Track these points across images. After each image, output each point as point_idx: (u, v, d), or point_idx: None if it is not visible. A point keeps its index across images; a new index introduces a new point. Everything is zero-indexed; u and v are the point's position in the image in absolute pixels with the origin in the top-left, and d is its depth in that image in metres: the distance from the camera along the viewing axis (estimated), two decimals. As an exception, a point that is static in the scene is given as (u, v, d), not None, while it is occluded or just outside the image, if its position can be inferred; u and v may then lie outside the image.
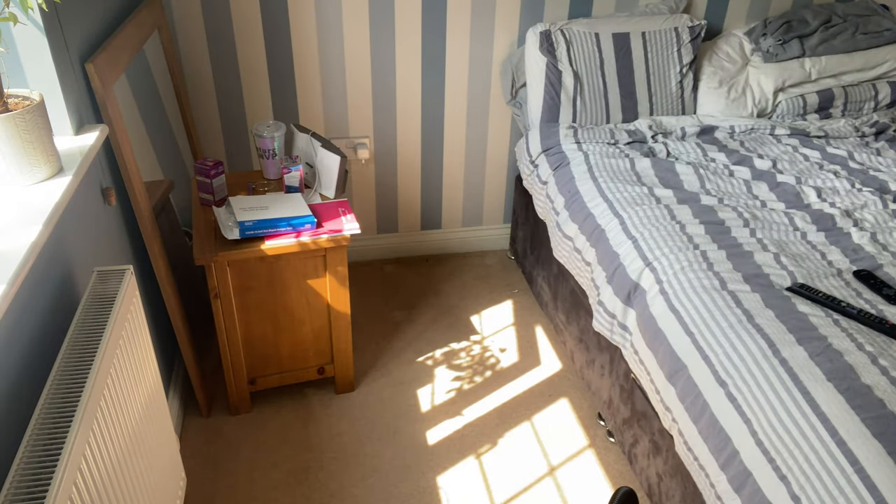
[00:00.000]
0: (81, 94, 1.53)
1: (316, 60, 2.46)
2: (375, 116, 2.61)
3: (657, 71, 2.44)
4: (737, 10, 2.68)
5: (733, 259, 1.72)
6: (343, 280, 1.99)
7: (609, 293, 1.84)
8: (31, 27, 1.33)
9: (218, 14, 2.32)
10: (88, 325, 1.22)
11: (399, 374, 2.28)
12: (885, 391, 1.31)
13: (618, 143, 2.30)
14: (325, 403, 2.16)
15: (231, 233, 1.87)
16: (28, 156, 1.25)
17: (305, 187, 2.13)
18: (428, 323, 2.53)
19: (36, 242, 1.12)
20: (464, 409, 2.15)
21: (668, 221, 1.87)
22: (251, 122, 2.54)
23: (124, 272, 1.37)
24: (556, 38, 2.38)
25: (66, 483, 0.95)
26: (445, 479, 1.92)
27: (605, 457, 1.99)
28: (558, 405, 2.17)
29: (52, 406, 1.05)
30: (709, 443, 1.43)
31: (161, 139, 2.14)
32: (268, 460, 1.96)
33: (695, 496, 1.55)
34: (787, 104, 2.53)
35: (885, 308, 1.56)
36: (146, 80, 2.07)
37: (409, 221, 2.87)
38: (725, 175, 2.14)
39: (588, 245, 1.98)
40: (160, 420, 1.51)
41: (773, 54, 2.53)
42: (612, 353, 1.93)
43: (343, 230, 1.92)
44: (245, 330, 1.99)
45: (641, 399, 1.78)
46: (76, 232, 1.42)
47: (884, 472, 1.16)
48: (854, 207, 1.97)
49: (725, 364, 1.45)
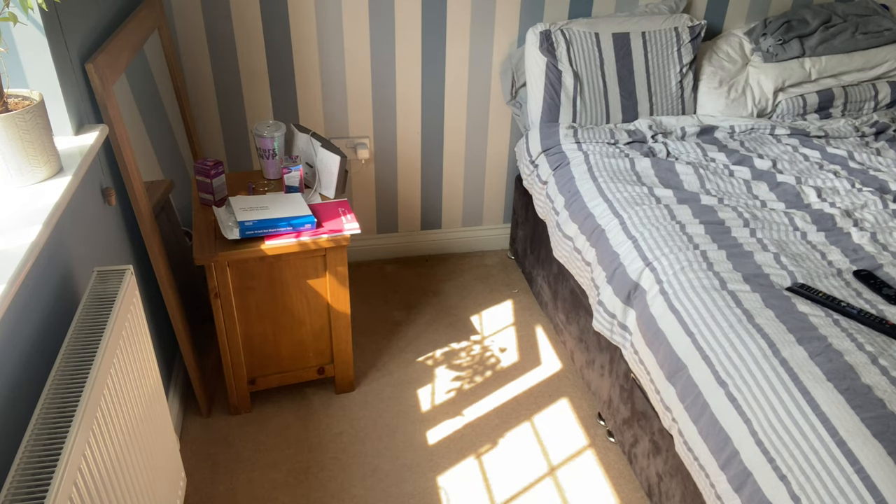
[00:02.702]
0: (81, 94, 1.53)
1: (316, 60, 2.46)
2: (375, 116, 2.61)
3: (657, 71, 2.44)
4: (737, 10, 2.68)
5: (733, 259, 1.72)
6: (343, 280, 1.99)
7: (609, 293, 1.84)
8: (31, 27, 1.33)
9: (218, 14, 2.32)
10: (88, 325, 1.22)
11: (399, 374, 2.28)
12: (885, 391, 1.31)
13: (618, 142, 2.30)
14: (325, 403, 2.16)
15: (231, 233, 1.87)
16: (28, 156, 1.25)
17: (305, 187, 2.13)
18: (428, 323, 2.53)
19: (36, 242, 1.12)
20: (464, 409, 2.15)
21: (668, 221, 1.87)
22: (251, 122, 2.54)
23: (124, 272, 1.37)
24: (556, 37, 2.38)
25: (66, 483, 0.95)
26: (445, 479, 1.92)
27: (605, 457, 1.99)
28: (558, 405, 2.17)
29: (52, 406, 1.05)
30: (709, 443, 1.43)
31: (161, 139, 2.14)
32: (268, 460, 1.96)
33: (695, 496, 1.55)
34: (787, 104, 2.53)
35: (885, 308, 1.56)
36: (146, 80, 2.07)
37: (409, 221, 2.87)
38: (725, 175, 2.14)
39: (588, 245, 1.98)
40: (160, 420, 1.51)
41: (773, 54, 2.53)
42: (612, 353, 1.93)
43: (343, 230, 1.92)
44: (245, 330, 1.99)
45: (641, 399, 1.78)
46: (76, 232, 1.42)
47: (884, 472, 1.16)
48: (854, 207, 1.97)
49: (725, 364, 1.45)
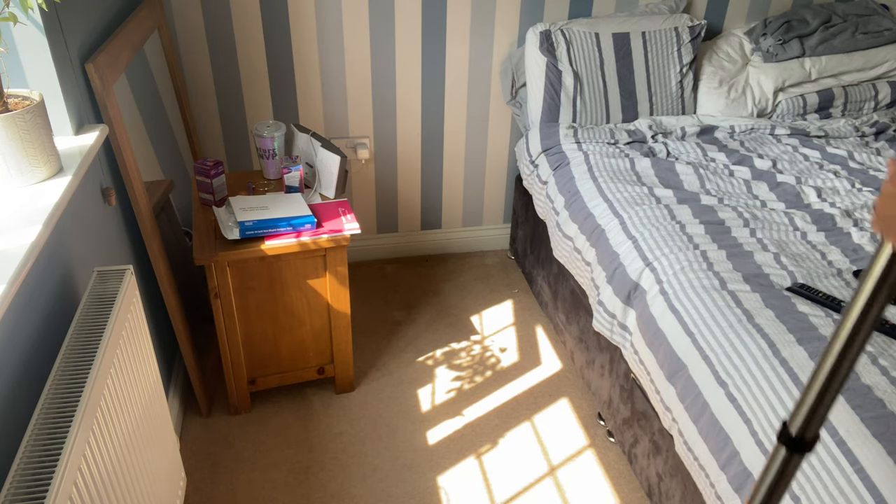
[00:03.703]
0: (81, 94, 1.53)
1: (316, 60, 2.46)
2: (375, 116, 2.61)
3: (657, 71, 2.44)
4: (737, 10, 2.68)
5: (733, 259, 1.72)
6: (343, 280, 1.99)
7: (609, 293, 1.84)
8: (31, 27, 1.33)
9: (218, 14, 2.32)
10: (88, 325, 1.22)
11: (399, 374, 2.28)
12: (885, 391, 1.31)
13: (618, 142, 2.30)
14: (325, 403, 2.16)
15: (231, 233, 1.87)
16: (28, 156, 1.25)
17: (305, 187, 2.13)
18: (428, 323, 2.53)
19: (36, 242, 1.12)
20: (464, 409, 2.15)
21: (668, 221, 1.87)
22: (251, 122, 2.54)
23: (124, 272, 1.37)
24: (556, 37, 2.38)
25: (66, 483, 0.95)
26: (445, 479, 1.92)
27: (605, 457, 1.99)
28: (558, 405, 2.17)
29: (52, 406, 1.05)
30: (709, 443, 1.43)
31: (161, 139, 2.14)
32: (268, 460, 1.96)
33: (695, 496, 1.55)
34: (787, 104, 2.53)
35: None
36: (146, 80, 2.07)
37: (409, 221, 2.87)
38: (725, 175, 2.14)
39: (588, 245, 1.98)
40: (160, 420, 1.51)
41: (773, 54, 2.53)
42: (612, 353, 1.93)
43: (343, 230, 1.92)
44: (245, 330, 1.99)
45: (641, 399, 1.78)
46: (76, 232, 1.42)
47: (884, 472, 1.16)
48: (854, 207, 1.97)
49: (725, 364, 1.45)
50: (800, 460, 0.75)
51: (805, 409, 0.72)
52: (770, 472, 0.77)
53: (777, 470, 0.76)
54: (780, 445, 0.75)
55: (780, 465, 0.76)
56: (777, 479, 0.77)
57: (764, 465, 0.80)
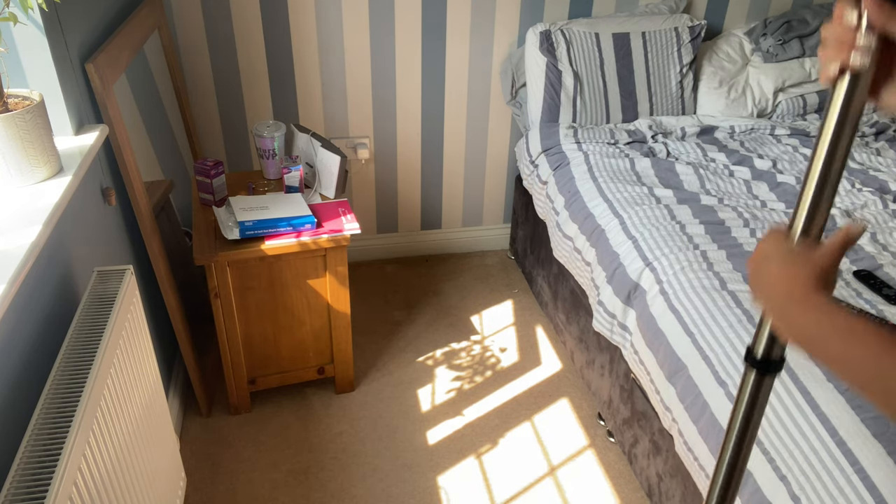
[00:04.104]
0: (81, 94, 1.53)
1: (316, 60, 2.46)
2: (375, 116, 2.61)
3: (657, 71, 2.44)
4: (737, 10, 2.68)
5: (733, 259, 1.72)
6: (343, 280, 1.99)
7: (609, 293, 1.84)
8: (31, 27, 1.33)
9: (218, 14, 2.32)
10: (88, 325, 1.22)
11: (399, 374, 2.28)
12: (885, 391, 1.31)
13: (618, 143, 2.30)
14: (325, 403, 2.16)
15: (231, 233, 1.87)
16: (28, 156, 1.25)
17: (305, 187, 2.13)
18: (428, 323, 2.53)
19: (36, 242, 1.12)
20: (464, 409, 2.15)
21: (668, 221, 1.87)
22: (251, 122, 2.54)
23: (124, 272, 1.37)
24: (556, 38, 2.38)
25: (66, 483, 0.95)
26: (445, 479, 1.92)
27: (605, 457, 1.99)
28: (558, 405, 2.17)
29: (52, 406, 1.05)
30: (709, 443, 1.43)
31: (161, 139, 2.14)
32: (268, 460, 1.96)
33: (695, 496, 1.55)
34: (787, 104, 2.53)
35: (885, 308, 1.56)
36: (146, 80, 2.07)
37: (409, 221, 2.87)
38: (725, 175, 2.14)
39: (588, 245, 1.98)
40: (160, 420, 1.51)
41: (773, 54, 2.53)
42: (612, 353, 1.93)
43: (343, 230, 1.92)
44: (245, 330, 1.99)
45: (641, 399, 1.78)
46: (76, 232, 1.42)
47: (884, 472, 1.16)
48: (854, 207, 1.97)
49: (725, 364, 1.45)
50: (771, 381, 0.77)
51: (765, 335, 0.75)
52: (744, 396, 0.79)
53: (750, 393, 0.78)
54: (749, 368, 0.77)
55: (752, 387, 0.78)
56: (752, 401, 0.78)
57: (737, 389, 0.83)
